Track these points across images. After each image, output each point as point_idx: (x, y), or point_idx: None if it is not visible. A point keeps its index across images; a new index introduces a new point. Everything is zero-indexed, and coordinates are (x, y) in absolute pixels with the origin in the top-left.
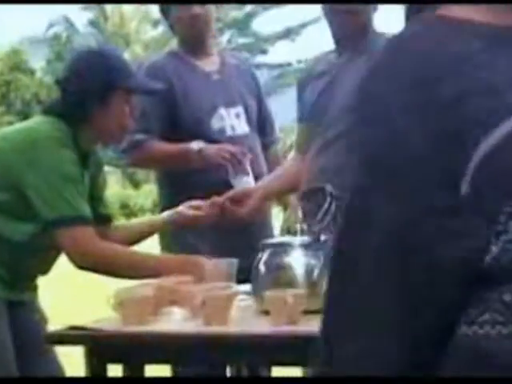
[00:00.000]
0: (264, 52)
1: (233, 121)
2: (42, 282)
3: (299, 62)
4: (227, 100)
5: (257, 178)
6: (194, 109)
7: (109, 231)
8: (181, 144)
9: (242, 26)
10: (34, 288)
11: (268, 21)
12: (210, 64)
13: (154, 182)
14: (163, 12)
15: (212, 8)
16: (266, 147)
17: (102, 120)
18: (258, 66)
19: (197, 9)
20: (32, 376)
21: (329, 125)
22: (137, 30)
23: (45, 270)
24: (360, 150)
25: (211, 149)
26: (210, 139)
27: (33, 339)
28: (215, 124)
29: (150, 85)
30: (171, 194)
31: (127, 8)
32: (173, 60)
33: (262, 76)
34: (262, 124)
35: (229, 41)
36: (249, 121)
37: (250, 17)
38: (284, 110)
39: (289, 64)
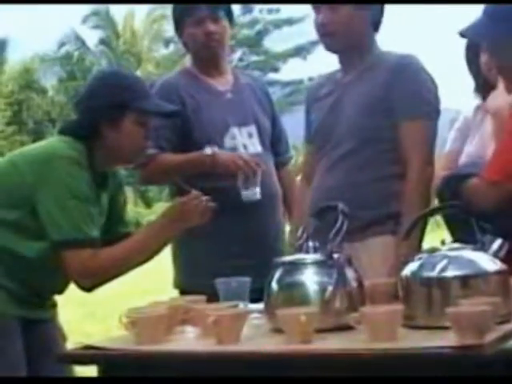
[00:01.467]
0: (276, 70)
1: (245, 140)
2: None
3: (311, 79)
4: (240, 119)
5: (270, 197)
6: (206, 127)
7: None
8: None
9: (254, 43)
10: (53, 306)
11: (279, 39)
12: (223, 83)
13: (166, 200)
14: (177, 29)
15: (226, 26)
16: (279, 166)
17: (114, 141)
18: (270, 84)
19: (211, 26)
20: None
21: (336, 144)
22: (149, 48)
23: (61, 289)
24: None
25: (225, 154)
26: None
27: (49, 357)
28: (227, 143)
29: (164, 107)
30: None
31: (139, 26)
32: (186, 78)
33: (274, 94)
34: (275, 143)
35: (240, 59)
36: (262, 140)
37: (261, 35)
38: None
39: (300, 81)
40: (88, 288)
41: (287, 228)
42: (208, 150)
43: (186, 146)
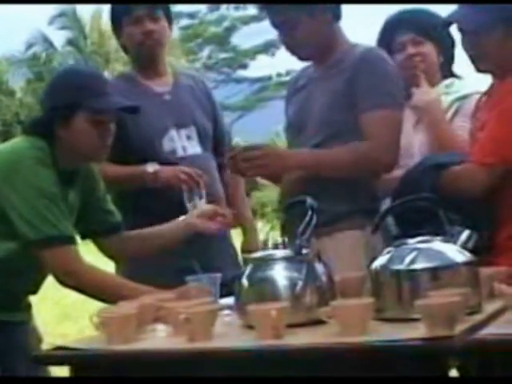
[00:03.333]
0: (244, 66)
1: (184, 142)
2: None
3: (279, 75)
4: (178, 121)
5: (212, 200)
6: (144, 130)
7: (122, 240)
8: (134, 166)
9: (222, 40)
10: (26, 308)
11: (247, 35)
12: (161, 84)
13: None
14: (115, 29)
15: (165, 25)
16: (223, 168)
17: (68, 140)
18: (239, 81)
19: (149, 25)
20: None
21: (306, 138)
22: (116, 48)
23: (33, 290)
24: None
25: (167, 171)
26: (161, 160)
27: (22, 359)
28: (166, 145)
29: (121, 104)
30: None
31: (106, 26)
32: (123, 82)
33: (243, 90)
34: (217, 144)
35: (209, 56)
36: (201, 142)
37: (229, 31)
38: (265, 124)
39: (269, 78)
40: (63, 284)
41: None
42: (149, 168)
43: (124, 149)
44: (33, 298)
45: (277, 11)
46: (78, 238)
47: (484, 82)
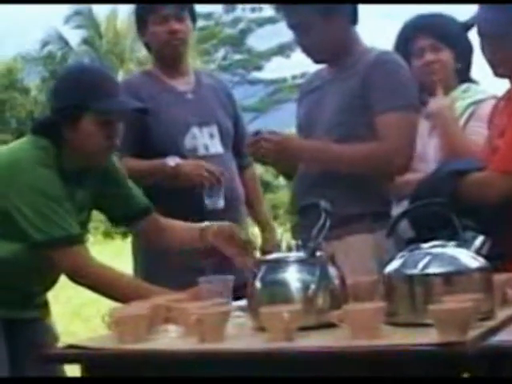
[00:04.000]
0: (259, 68)
1: (206, 140)
2: None
3: (294, 77)
4: (201, 119)
5: (232, 200)
6: (166, 128)
7: (159, 222)
8: (155, 160)
9: (237, 42)
10: (40, 306)
11: (262, 37)
12: (184, 83)
13: None
14: (139, 28)
15: (190, 25)
16: (242, 169)
17: (75, 141)
18: (253, 83)
19: (175, 25)
20: None
21: (317, 139)
22: (131, 48)
23: (46, 288)
24: None
25: (188, 165)
26: (183, 158)
27: (32, 357)
28: (188, 143)
29: (129, 105)
30: None
31: (121, 26)
32: (146, 79)
33: (258, 92)
34: (238, 144)
35: (224, 57)
36: (223, 141)
37: (244, 33)
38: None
39: (284, 80)
40: (75, 282)
41: (251, 230)
42: (171, 162)
43: (146, 146)
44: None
45: (293, 12)
46: (86, 237)
47: (501, 86)
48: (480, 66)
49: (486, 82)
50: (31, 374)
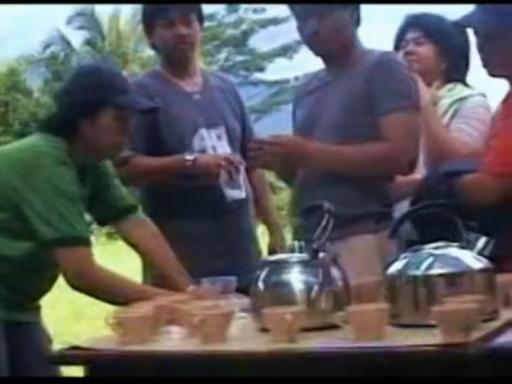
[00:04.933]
0: (261, 69)
1: (214, 142)
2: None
3: (296, 79)
4: (208, 121)
5: (241, 200)
6: (175, 129)
7: (136, 224)
8: (173, 156)
9: (239, 43)
10: (36, 309)
11: (265, 38)
12: (192, 84)
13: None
14: (146, 29)
15: (197, 28)
16: (249, 169)
17: (92, 136)
18: (256, 84)
19: (182, 29)
20: None
21: (318, 141)
22: (134, 49)
23: (45, 290)
24: None
25: (206, 157)
26: None
27: (32, 360)
28: (196, 144)
29: (142, 103)
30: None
31: (124, 27)
32: (155, 80)
33: (260, 93)
34: (245, 146)
35: (226, 59)
36: (231, 142)
37: (247, 34)
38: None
39: (286, 81)
40: (73, 286)
41: (259, 231)
42: (188, 155)
43: (157, 146)
44: (47, 298)
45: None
46: (93, 239)
47: (500, 90)
48: (479, 67)
49: (485, 86)
50: (31, 375)
